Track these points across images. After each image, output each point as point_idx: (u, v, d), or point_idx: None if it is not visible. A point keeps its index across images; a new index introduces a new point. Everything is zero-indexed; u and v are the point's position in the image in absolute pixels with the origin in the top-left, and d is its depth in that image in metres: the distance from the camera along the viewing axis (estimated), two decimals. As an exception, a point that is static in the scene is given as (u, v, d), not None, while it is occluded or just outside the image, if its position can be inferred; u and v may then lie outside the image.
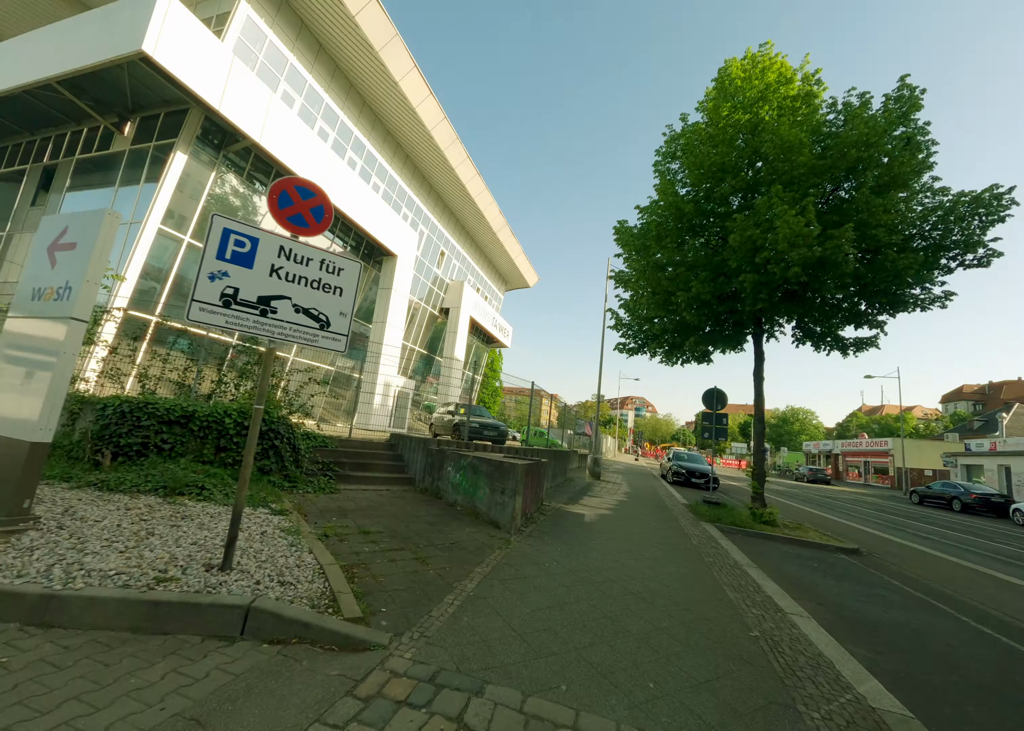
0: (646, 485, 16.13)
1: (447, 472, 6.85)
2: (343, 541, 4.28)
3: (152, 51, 10.32)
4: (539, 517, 6.84)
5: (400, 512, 5.77)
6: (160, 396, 6.24)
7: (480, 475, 6.05)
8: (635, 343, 11.91)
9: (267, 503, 4.81)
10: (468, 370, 33.02)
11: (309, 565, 3.35)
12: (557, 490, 11.17)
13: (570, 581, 4.08)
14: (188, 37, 11.00)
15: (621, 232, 11.03)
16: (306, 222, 3.49)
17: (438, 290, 26.92)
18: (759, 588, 4.70)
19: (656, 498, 12.11)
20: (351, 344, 16.84)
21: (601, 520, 7.51)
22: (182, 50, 10.94)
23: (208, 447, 5.60)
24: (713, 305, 9.43)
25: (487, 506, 5.84)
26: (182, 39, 10.85)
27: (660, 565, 5.09)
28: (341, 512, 5.36)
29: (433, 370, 28.55)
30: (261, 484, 5.49)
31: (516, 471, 5.46)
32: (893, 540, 10.10)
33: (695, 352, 11.54)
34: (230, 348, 14.09)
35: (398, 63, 16.52)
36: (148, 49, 10.24)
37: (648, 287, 10.25)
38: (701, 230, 10.59)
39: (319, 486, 6.36)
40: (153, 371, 7.25)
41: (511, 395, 71.18)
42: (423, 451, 7.74)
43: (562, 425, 21.30)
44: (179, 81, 11.05)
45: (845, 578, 6.11)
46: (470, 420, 13.25)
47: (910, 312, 9.11)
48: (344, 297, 3.59)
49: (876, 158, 8.32)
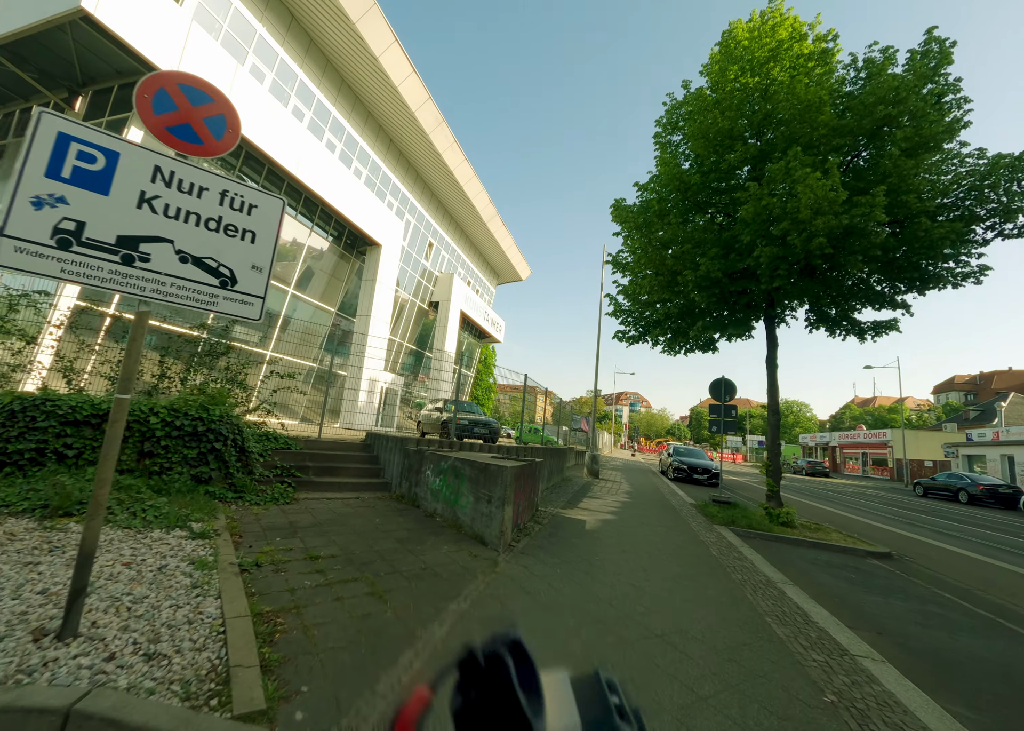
0: (647, 483, 15.26)
1: (425, 476, 5.89)
2: (279, 573, 3.31)
3: (94, 9, 9.20)
4: (533, 527, 5.89)
5: (366, 526, 4.79)
6: (78, 394, 5.20)
7: (463, 480, 5.10)
8: (636, 331, 10.99)
9: (188, 522, 3.82)
10: (459, 366, 32.00)
11: (207, 620, 2.38)
12: (554, 491, 10.25)
13: (573, 619, 3.14)
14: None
15: (619, 209, 10.08)
16: (198, 137, 2.49)
17: (427, 283, 25.86)
18: (807, 617, 3.79)
19: (660, 498, 11.23)
20: (341, 340, 15.86)
21: (605, 527, 6.58)
22: (131, 10, 9.81)
23: (128, 452, 4.60)
24: (724, 284, 8.51)
25: (471, 517, 4.89)
26: None
27: (682, 586, 4.16)
28: (290, 530, 4.37)
29: (423, 367, 27.53)
30: (193, 497, 4.49)
31: (504, 475, 4.50)
32: (917, 539, 9.28)
33: (700, 339, 10.65)
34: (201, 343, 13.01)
35: (377, 36, 15.41)
36: (89, 7, 9.12)
37: (650, 267, 9.31)
38: (707, 205, 9.67)
39: (272, 496, 5.37)
40: (81, 364, 6.21)
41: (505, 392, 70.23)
42: (400, 452, 6.77)
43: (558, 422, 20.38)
44: (128, 45, 9.93)
45: (890, 592, 5.24)
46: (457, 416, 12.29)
47: (940, 289, 8.25)
48: (259, 245, 2.60)
49: (906, 116, 7.43)
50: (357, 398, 17.41)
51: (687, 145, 9.84)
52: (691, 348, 11.09)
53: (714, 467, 17.78)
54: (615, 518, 7.49)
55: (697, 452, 20.44)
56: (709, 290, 8.56)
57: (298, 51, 15.31)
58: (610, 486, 12.88)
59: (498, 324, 34.36)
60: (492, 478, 4.62)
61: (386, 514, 5.45)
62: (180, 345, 6.90)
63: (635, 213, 9.59)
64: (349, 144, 18.21)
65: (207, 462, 5.00)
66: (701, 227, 9.14)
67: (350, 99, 17.85)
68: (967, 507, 19.12)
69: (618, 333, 11.20)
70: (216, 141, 2.53)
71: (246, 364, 7.25)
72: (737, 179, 9.26)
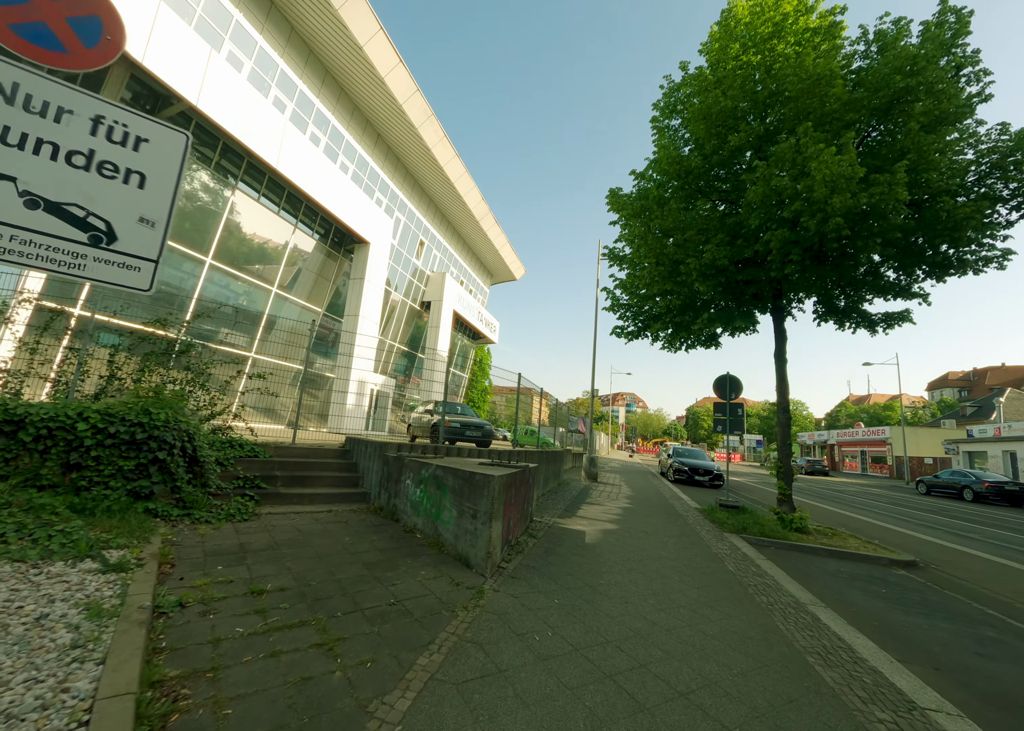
0: (647, 486, 14.65)
1: (405, 487, 5.23)
2: (207, 616, 2.64)
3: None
4: (527, 541, 5.24)
5: (332, 548, 4.12)
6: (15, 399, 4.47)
7: (445, 491, 4.45)
8: (635, 326, 10.38)
9: (106, 550, 3.14)
10: (453, 367, 31.33)
11: (71, 702, 1.71)
12: (551, 497, 9.61)
13: (575, 675, 2.49)
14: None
15: (616, 198, 9.48)
16: (59, 42, 1.83)
17: (418, 282, 25.21)
18: (853, 652, 3.16)
19: (663, 502, 10.61)
20: (321, 338, 15.10)
21: (607, 540, 5.94)
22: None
23: (50, 465, 3.92)
24: (730, 272, 7.92)
25: (454, 534, 4.23)
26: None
27: (702, 617, 3.52)
28: (239, 554, 3.70)
29: (416, 368, 26.86)
30: (125, 517, 3.81)
31: (491, 486, 3.85)
32: (936, 543, 8.71)
33: (703, 334, 10.07)
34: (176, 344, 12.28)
35: (362, 24, 14.77)
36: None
37: (650, 258, 8.70)
38: (710, 191, 9.09)
39: (228, 512, 4.69)
40: (18, 365, 5.51)
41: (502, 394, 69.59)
42: (380, 459, 6.10)
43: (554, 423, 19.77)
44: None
45: (930, 610, 4.63)
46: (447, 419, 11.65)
47: (961, 276, 7.70)
48: (151, 192, 1.95)
49: (924, 88, 6.88)
50: (345, 401, 16.73)
51: (687, 128, 9.27)
52: (693, 343, 10.51)
53: (716, 468, 17.22)
54: (617, 528, 6.84)
55: (698, 452, 19.87)
56: (714, 279, 7.96)
57: (279, 40, 14.66)
58: (610, 490, 12.26)
59: (492, 325, 33.74)
60: (477, 489, 3.98)
61: (359, 531, 4.77)
62: (134, 342, 6.19)
63: (633, 200, 9.00)
64: (335, 138, 17.55)
65: (148, 474, 4.31)
66: (704, 213, 8.56)
67: (335, 91, 17.20)
68: (973, 505, 18.66)
69: (616, 329, 10.60)
70: (86, 50, 1.88)
71: (208, 363, 6.56)
72: (742, 162, 8.71)
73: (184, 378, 6.32)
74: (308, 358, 8.29)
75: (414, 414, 15.79)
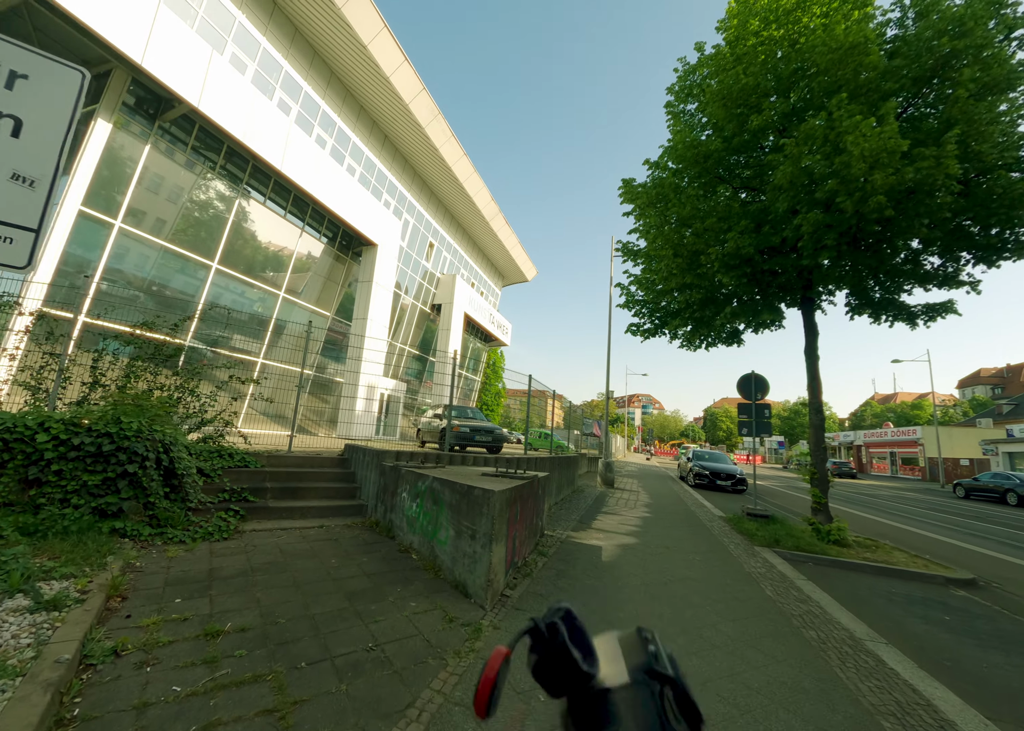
0: (667, 491, 13.96)
1: (401, 500, 4.75)
2: (143, 668, 2.19)
3: (42, -16, 8.37)
4: (536, 561, 4.71)
5: (313, 573, 3.65)
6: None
7: (442, 507, 3.96)
8: (651, 323, 9.79)
9: (45, 581, 2.72)
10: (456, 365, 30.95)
11: None
12: (564, 506, 9.05)
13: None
14: (93, -30, 9.04)
15: (629, 188, 8.93)
16: None
17: (428, 285, 24.92)
18: (932, 708, 2.56)
19: (685, 510, 9.95)
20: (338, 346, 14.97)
21: (626, 557, 5.37)
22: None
23: (6, 481, 3.55)
24: (756, 262, 7.30)
25: (451, 557, 3.73)
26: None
27: (743, 662, 2.95)
28: (205, 582, 3.26)
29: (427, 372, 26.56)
30: (83, 538, 3.40)
31: (491, 503, 3.34)
32: (993, 556, 7.89)
33: (725, 330, 9.44)
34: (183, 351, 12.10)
35: (365, 22, 14.53)
36: (36, -20, 8.30)
37: (667, 249, 8.13)
38: (730, 178, 8.48)
39: (207, 530, 4.28)
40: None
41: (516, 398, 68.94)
42: (376, 468, 5.65)
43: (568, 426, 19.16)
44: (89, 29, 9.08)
45: (1008, 643, 3.96)
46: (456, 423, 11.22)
47: (1015, 260, 6.94)
48: (28, 141, 1.51)
49: (972, 52, 6.20)
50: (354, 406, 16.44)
51: (704, 111, 8.67)
52: (713, 341, 9.87)
53: (738, 471, 16.41)
54: (637, 542, 6.26)
55: (719, 456, 19.05)
56: (738, 270, 7.35)
57: (283, 41, 14.49)
58: (627, 497, 11.64)
59: (504, 327, 33.31)
60: (476, 506, 3.48)
61: (349, 550, 4.31)
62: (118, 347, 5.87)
63: (648, 189, 8.43)
64: (341, 139, 17.36)
65: (116, 490, 3.92)
66: (725, 200, 7.95)
67: (340, 92, 17.01)
68: (1018, 510, 17.45)
69: (632, 327, 10.02)
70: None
71: (199, 368, 6.21)
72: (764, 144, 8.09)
73: (173, 383, 5.97)
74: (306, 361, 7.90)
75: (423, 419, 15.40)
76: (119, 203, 11.01)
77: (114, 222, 10.88)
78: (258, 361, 15.25)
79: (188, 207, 12.54)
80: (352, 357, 17.55)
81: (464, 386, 31.56)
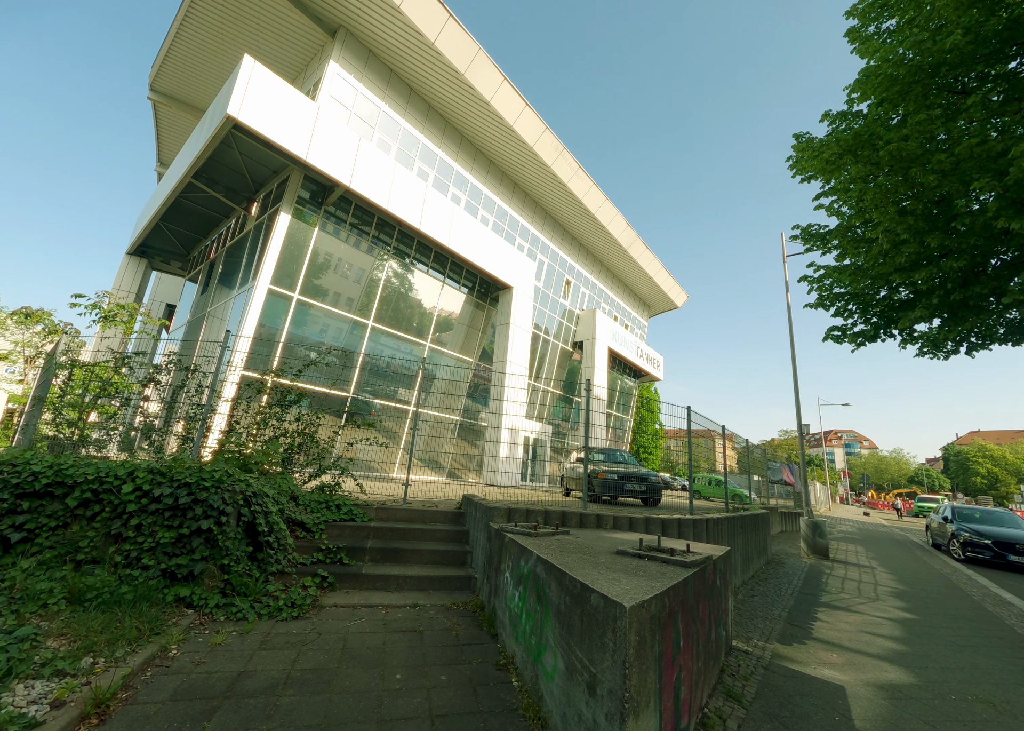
0: (922, 569, 9.53)
1: (504, 581, 3.36)
2: None
3: (237, 113, 10.48)
4: (723, 713, 2.74)
5: (362, 698, 2.45)
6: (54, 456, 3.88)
7: (547, 609, 2.46)
8: (865, 322, 6.89)
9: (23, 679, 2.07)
10: (615, 409, 28.70)
11: None
12: (756, 589, 6.40)
13: None
14: (274, 97, 11.13)
15: (806, 147, 6.65)
16: None
17: (568, 323, 24.20)
18: None
19: (971, 606, 6.21)
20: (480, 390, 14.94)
21: (896, 715, 2.94)
22: (268, 109, 11.04)
23: (91, 535, 3.35)
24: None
25: (561, 706, 2.15)
26: (268, 99, 10.98)
27: None
28: (218, 698, 2.32)
29: (574, 412, 25.25)
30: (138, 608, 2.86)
31: (618, 630, 1.74)
32: None
33: (1008, 317, 6.02)
34: (347, 403, 13.35)
35: (486, 81, 15.38)
36: (233, 111, 10.42)
37: (888, 206, 5.53)
38: (981, 86, 5.60)
39: (279, 604, 3.54)
40: (158, 422, 5.71)
41: (676, 438, 62.12)
42: (485, 529, 4.41)
43: (744, 470, 15.40)
44: (266, 138, 11.09)
45: None
46: (603, 470, 9.53)
47: None
48: None
49: None
50: (498, 452, 15.95)
51: (920, 22, 6.06)
52: (983, 339, 6.42)
53: (1053, 543, 10.58)
54: (912, 679, 3.59)
55: (1004, 515, 12.93)
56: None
57: (418, 118, 16.16)
58: (856, 575, 8.08)
59: (655, 360, 30.38)
60: (594, 627, 1.90)
61: (428, 657, 3.04)
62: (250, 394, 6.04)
63: (842, 135, 6.07)
64: (473, 194, 18.36)
65: (190, 549, 3.47)
66: (982, 115, 5.13)
67: (469, 152, 18.18)
68: None
69: (833, 332, 7.24)
70: None
71: (318, 414, 6.03)
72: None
73: (294, 430, 5.86)
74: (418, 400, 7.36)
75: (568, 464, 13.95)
76: (295, 280, 12.85)
77: (292, 294, 12.69)
78: (410, 408, 15.97)
79: (347, 275, 14.18)
80: (494, 397, 17.39)
81: (616, 426, 29.17)
